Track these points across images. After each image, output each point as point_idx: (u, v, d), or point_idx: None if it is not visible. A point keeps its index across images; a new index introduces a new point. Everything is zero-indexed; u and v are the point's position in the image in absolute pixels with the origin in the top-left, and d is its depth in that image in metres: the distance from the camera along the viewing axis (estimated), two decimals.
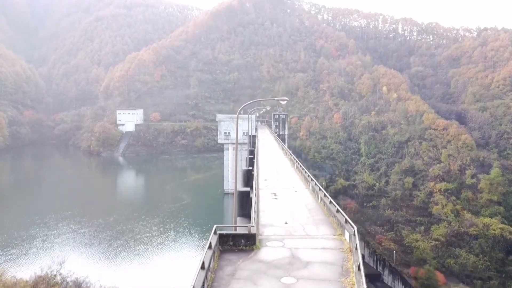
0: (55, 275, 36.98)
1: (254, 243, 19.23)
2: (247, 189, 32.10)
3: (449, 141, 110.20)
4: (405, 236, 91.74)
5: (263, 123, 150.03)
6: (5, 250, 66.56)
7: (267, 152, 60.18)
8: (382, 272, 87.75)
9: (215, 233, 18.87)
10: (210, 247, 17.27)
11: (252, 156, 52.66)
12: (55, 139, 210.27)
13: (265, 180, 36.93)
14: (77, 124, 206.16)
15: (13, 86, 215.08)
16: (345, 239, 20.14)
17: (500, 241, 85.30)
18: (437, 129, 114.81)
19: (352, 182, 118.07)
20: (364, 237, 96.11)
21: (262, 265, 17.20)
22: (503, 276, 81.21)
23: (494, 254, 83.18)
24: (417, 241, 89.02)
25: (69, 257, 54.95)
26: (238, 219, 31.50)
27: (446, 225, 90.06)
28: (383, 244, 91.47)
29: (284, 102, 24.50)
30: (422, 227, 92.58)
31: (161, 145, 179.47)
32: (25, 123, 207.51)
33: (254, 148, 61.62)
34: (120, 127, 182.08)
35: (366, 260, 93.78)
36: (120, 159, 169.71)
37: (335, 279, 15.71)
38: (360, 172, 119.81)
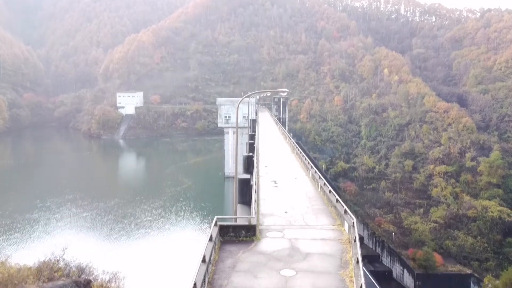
0: (58, 261, 37.51)
1: (254, 234, 19.46)
2: (248, 176, 32.29)
3: (449, 124, 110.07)
4: (404, 218, 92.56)
5: (264, 106, 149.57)
6: (8, 234, 67.35)
7: (268, 137, 60.19)
8: (380, 254, 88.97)
9: (215, 224, 19.07)
10: (211, 239, 17.49)
11: (252, 141, 52.68)
12: (55, 122, 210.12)
13: (266, 167, 37.05)
14: (77, 107, 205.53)
15: (12, 68, 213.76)
16: (344, 230, 20.36)
17: (498, 223, 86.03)
18: (437, 112, 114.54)
19: (352, 165, 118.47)
20: (364, 219, 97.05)
21: (262, 257, 17.45)
22: (500, 257, 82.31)
23: (492, 236, 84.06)
24: (416, 223, 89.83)
25: (72, 242, 55.61)
26: (239, 206, 31.77)
27: (445, 208, 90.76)
28: (382, 226, 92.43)
29: (285, 94, 24.38)
30: (421, 210, 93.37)
31: (161, 127, 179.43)
32: (25, 106, 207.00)
33: (255, 132, 61.63)
34: (120, 110, 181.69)
35: (365, 241, 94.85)
36: (121, 142, 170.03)
37: (334, 271, 15.95)
38: (360, 154, 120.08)
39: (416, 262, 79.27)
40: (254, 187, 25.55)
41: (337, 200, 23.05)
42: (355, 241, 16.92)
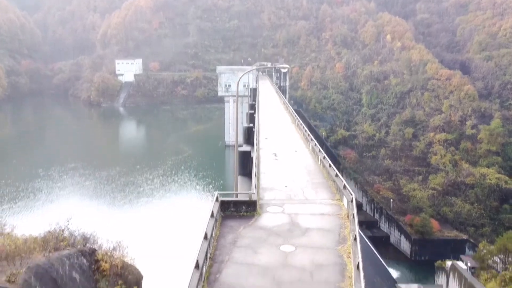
0: (63, 231, 38.36)
1: (254, 210, 19.85)
2: (248, 148, 32.51)
3: (451, 92, 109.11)
4: (402, 186, 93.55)
5: (264, 73, 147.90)
6: (12, 202, 68.52)
7: (268, 107, 59.96)
8: (379, 220, 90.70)
9: (217, 200, 19.42)
10: (212, 215, 17.87)
11: (252, 112, 52.64)
12: (54, 89, 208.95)
13: (266, 138, 37.21)
14: (75, 74, 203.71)
15: (8, 34, 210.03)
16: (343, 205, 20.75)
17: (496, 190, 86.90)
18: (440, 79, 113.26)
19: (353, 133, 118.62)
20: (363, 186, 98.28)
21: (262, 233, 17.91)
22: (496, 223, 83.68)
23: (488, 202, 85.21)
24: (414, 190, 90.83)
25: (75, 210, 56.63)
26: (239, 178, 32.15)
27: (444, 175, 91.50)
28: (381, 193, 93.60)
29: (285, 70, 24.13)
30: (420, 177, 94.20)
31: (161, 95, 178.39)
32: (23, 73, 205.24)
33: (255, 102, 61.44)
34: (120, 77, 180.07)
35: (364, 208, 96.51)
36: (121, 110, 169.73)
37: (332, 247, 16.43)
38: (361, 122, 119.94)
39: (413, 228, 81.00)
40: (254, 161, 25.79)
41: (336, 175, 23.34)
42: (353, 217, 17.32)
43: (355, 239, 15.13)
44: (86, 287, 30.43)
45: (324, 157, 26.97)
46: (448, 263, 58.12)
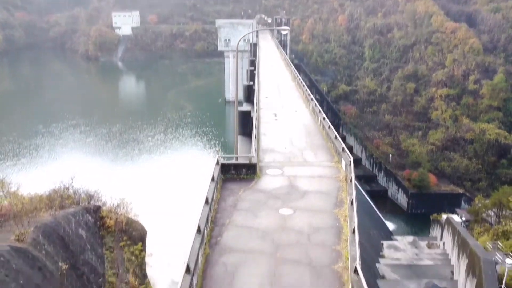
0: (67, 188, 39.26)
1: (254, 172, 20.21)
2: (248, 108, 32.50)
3: (456, 45, 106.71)
4: (402, 141, 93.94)
5: (265, 26, 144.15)
6: (15, 159, 69.26)
7: (269, 64, 59.06)
8: (377, 174, 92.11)
9: (217, 163, 19.73)
10: (213, 179, 18.25)
11: (253, 68, 51.95)
12: (50, 42, 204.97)
13: (266, 97, 37.05)
14: (72, 27, 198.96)
15: None
16: (341, 167, 21.08)
17: (495, 145, 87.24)
18: (444, 33, 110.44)
19: (354, 88, 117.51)
20: (363, 141, 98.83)
21: (262, 195, 18.37)
22: (493, 178, 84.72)
23: (486, 158, 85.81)
24: (413, 145, 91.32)
25: (78, 167, 57.54)
26: (239, 137, 32.39)
27: (444, 130, 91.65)
28: (380, 148, 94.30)
29: (286, 32, 23.57)
30: (420, 133, 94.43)
31: (160, 49, 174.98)
32: (18, 26, 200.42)
33: (255, 58, 60.45)
34: (117, 31, 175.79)
35: (363, 163, 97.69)
36: (119, 64, 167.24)
37: (329, 210, 16.93)
38: (363, 77, 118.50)
39: (411, 183, 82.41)
40: (254, 122, 25.88)
41: (335, 137, 23.51)
42: (351, 181, 17.68)
43: (352, 203, 15.56)
44: (92, 243, 31.58)
45: (324, 118, 27.02)
46: (443, 216, 59.71)
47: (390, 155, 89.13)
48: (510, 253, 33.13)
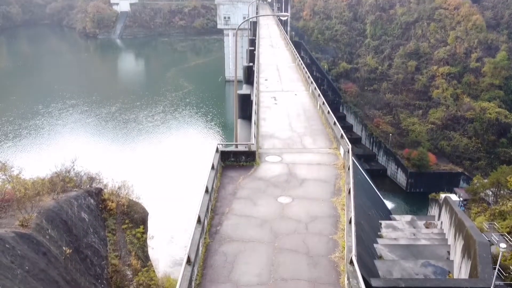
0: (69, 171, 39.51)
1: (254, 160, 20.39)
2: (248, 92, 32.43)
3: (458, 22, 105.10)
4: (402, 120, 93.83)
5: (265, 2, 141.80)
6: (16, 140, 69.40)
7: (268, 43, 58.45)
8: (377, 153, 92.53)
9: (217, 151, 19.90)
10: (213, 167, 18.45)
11: (252, 48, 51.48)
12: (48, 19, 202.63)
13: (266, 80, 36.92)
14: (69, 3, 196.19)
15: None
16: (340, 154, 21.24)
17: (495, 124, 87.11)
18: (447, 9, 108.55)
19: (355, 66, 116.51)
20: (363, 120, 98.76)
21: (261, 183, 18.61)
22: (492, 157, 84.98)
23: (486, 136, 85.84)
24: (413, 124, 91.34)
25: (78, 149, 57.74)
26: (239, 121, 32.48)
27: (444, 109, 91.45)
28: (380, 127, 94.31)
29: (285, 18, 23.29)
30: (420, 111, 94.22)
31: (158, 26, 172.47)
32: (14, 2, 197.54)
33: (255, 37, 59.77)
34: (115, 7, 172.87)
35: (363, 141, 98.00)
36: (118, 41, 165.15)
37: (327, 198, 17.21)
38: (364, 55, 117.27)
39: (410, 162, 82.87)
40: (254, 107, 25.89)
41: (334, 123, 23.59)
42: (348, 169, 17.88)
43: (349, 192, 15.80)
44: (95, 226, 32.09)
45: (324, 103, 27.03)
46: (442, 195, 60.34)
47: (390, 134, 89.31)
48: (506, 234, 33.70)
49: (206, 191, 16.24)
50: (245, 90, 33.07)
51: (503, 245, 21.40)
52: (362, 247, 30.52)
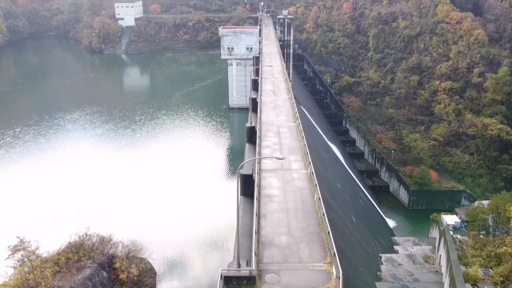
0: (82, 243, 42.22)
1: (254, 283, 23.01)
2: (249, 172, 34.91)
3: (461, 36, 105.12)
4: (404, 136, 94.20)
5: (268, 15, 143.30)
6: (23, 155, 74.29)
7: (270, 88, 60.42)
8: (379, 169, 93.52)
9: (221, 277, 22.57)
10: None
11: (256, 78, 52.88)
12: (53, 31, 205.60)
13: (267, 147, 39.75)
14: (74, 16, 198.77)
15: None
16: (333, 273, 23.78)
17: (496, 140, 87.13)
18: (450, 23, 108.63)
19: (357, 79, 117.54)
20: (365, 135, 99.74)
21: None
22: (493, 173, 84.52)
23: (488, 153, 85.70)
24: (415, 140, 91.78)
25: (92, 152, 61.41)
26: (241, 198, 34.77)
27: (446, 125, 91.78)
28: (383, 143, 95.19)
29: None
30: (422, 127, 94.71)
31: (163, 40, 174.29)
32: (21, 15, 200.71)
33: (258, 77, 61.67)
34: (120, 22, 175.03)
35: (366, 157, 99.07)
36: (123, 57, 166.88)
37: None
38: (366, 68, 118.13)
39: (412, 179, 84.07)
40: (254, 219, 27.70)
41: (329, 232, 26.03)
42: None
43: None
44: None
45: (319, 199, 29.54)
46: (443, 216, 61.90)
47: (392, 151, 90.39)
48: (499, 284, 35.43)
49: None
50: (246, 172, 35.58)
51: None
52: None
